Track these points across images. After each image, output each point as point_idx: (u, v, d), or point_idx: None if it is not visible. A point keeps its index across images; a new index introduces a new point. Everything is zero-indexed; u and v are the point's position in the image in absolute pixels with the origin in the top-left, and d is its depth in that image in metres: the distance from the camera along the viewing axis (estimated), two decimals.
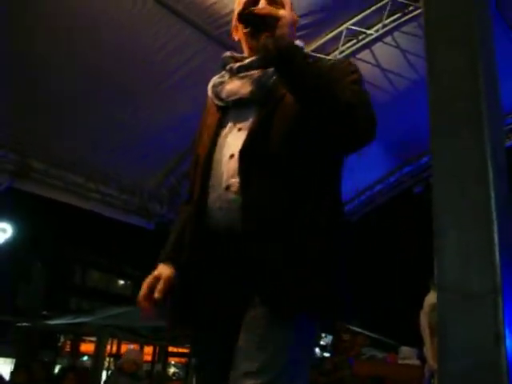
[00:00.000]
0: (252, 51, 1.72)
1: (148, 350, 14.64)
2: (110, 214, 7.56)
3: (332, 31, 6.24)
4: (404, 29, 6.17)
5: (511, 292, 0.53)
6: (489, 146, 0.57)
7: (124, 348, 15.64)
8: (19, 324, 12.28)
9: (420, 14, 5.86)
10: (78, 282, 20.97)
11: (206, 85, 1.87)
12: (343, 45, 6.34)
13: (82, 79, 5.99)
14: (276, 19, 1.51)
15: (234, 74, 1.74)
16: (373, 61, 6.59)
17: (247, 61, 1.72)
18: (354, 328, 10.17)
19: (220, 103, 1.73)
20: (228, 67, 1.76)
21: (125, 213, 7.61)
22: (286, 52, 1.49)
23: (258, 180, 1.53)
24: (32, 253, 16.12)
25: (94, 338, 13.50)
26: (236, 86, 1.68)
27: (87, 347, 15.47)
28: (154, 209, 7.81)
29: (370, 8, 5.99)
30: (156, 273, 1.69)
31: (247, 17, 1.59)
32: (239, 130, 1.64)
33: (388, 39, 6.37)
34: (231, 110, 1.70)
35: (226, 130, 1.67)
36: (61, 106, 6.15)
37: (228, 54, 1.81)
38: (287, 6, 1.75)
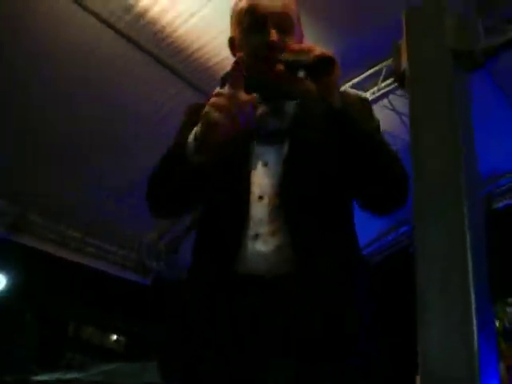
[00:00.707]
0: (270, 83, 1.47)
1: None
2: (107, 269, 7.55)
3: None
4: (398, 92, 6.35)
5: (488, 378, 0.56)
6: (468, 233, 0.62)
7: None
8: (8, 379, 11.99)
9: None
10: (71, 337, 20.61)
11: None
12: None
13: (82, 135, 6.11)
14: (332, 62, 1.28)
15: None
16: None
17: (269, 88, 1.48)
18: None
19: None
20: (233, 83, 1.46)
21: (122, 268, 7.60)
22: (343, 110, 1.33)
23: (303, 227, 1.34)
24: (25, 306, 15.92)
25: None
26: (259, 116, 1.43)
27: None
28: (150, 265, 7.79)
29: (365, 72, 6.19)
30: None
31: (325, 63, 1.27)
32: (265, 164, 1.42)
33: (384, 102, 6.54)
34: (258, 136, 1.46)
35: (248, 162, 1.42)
36: (60, 160, 6.26)
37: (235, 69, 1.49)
38: (297, 24, 1.52)
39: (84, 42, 5.35)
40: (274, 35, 1.42)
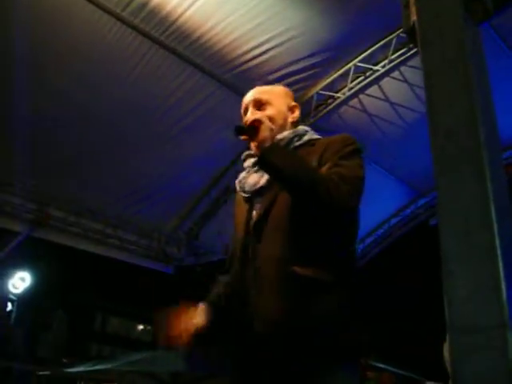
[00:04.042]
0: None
1: None
2: (129, 259, 7.61)
3: (340, 69, 6.35)
4: (410, 63, 6.27)
5: None
6: (490, 188, 0.60)
7: None
8: (41, 373, 12.20)
9: None
10: (99, 329, 20.93)
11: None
12: (351, 82, 6.44)
13: (98, 130, 6.15)
14: (256, 127, 1.86)
15: (251, 168, 2.04)
16: (382, 96, 6.68)
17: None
18: (378, 365, 9.97)
19: (245, 195, 2.02)
20: (246, 164, 2.08)
21: (143, 258, 7.66)
22: (264, 155, 1.80)
23: (267, 243, 1.83)
24: (52, 300, 16.16)
25: None
26: (254, 179, 1.98)
27: None
28: (171, 253, 7.84)
29: (375, 45, 6.10)
30: (196, 317, 1.97)
31: (237, 132, 1.92)
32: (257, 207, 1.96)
33: (395, 74, 6.46)
34: (256, 197, 1.97)
35: (254, 214, 1.95)
36: (78, 156, 6.30)
37: (246, 153, 2.11)
38: (276, 100, 2.07)
39: (89, 34, 5.34)
40: (249, 115, 2.02)
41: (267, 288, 1.77)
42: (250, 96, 2.10)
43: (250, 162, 2.05)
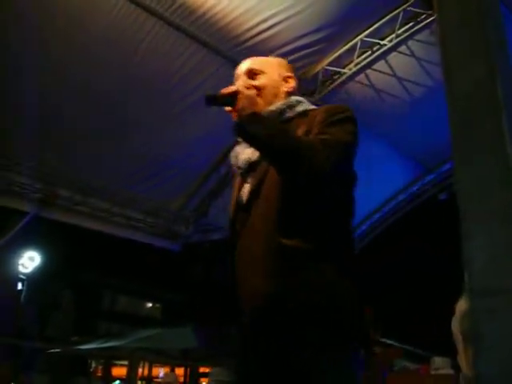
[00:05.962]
0: None
1: (179, 371, 14.63)
2: (136, 237, 7.63)
3: (346, 44, 6.27)
4: (417, 37, 6.18)
5: None
6: (511, 151, 0.59)
7: (155, 371, 15.57)
8: (51, 351, 12.34)
9: (432, 21, 5.85)
10: (107, 307, 21.12)
11: None
12: (358, 57, 6.37)
13: (105, 108, 6.13)
14: (234, 96, 1.82)
15: (243, 142, 1.97)
16: (389, 71, 6.61)
17: None
18: (385, 340, 10.04)
19: (240, 170, 1.99)
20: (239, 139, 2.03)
21: (150, 235, 7.67)
22: (239, 123, 1.77)
23: (256, 218, 1.82)
24: (61, 280, 16.29)
25: (125, 362, 13.51)
26: (248, 154, 1.95)
27: (119, 371, 15.50)
28: (179, 230, 7.85)
29: (382, 19, 6.02)
30: None
31: (207, 101, 1.88)
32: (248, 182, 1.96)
33: (402, 48, 6.38)
34: (250, 172, 1.94)
35: (245, 190, 1.94)
36: (85, 135, 6.28)
37: None
38: (268, 70, 2.06)
39: (94, 9, 5.28)
40: (240, 83, 2.02)
41: (253, 262, 1.75)
42: (242, 66, 2.10)
43: None
